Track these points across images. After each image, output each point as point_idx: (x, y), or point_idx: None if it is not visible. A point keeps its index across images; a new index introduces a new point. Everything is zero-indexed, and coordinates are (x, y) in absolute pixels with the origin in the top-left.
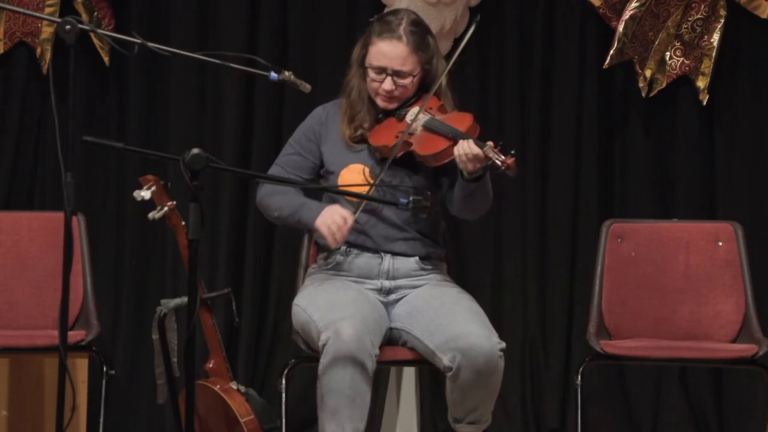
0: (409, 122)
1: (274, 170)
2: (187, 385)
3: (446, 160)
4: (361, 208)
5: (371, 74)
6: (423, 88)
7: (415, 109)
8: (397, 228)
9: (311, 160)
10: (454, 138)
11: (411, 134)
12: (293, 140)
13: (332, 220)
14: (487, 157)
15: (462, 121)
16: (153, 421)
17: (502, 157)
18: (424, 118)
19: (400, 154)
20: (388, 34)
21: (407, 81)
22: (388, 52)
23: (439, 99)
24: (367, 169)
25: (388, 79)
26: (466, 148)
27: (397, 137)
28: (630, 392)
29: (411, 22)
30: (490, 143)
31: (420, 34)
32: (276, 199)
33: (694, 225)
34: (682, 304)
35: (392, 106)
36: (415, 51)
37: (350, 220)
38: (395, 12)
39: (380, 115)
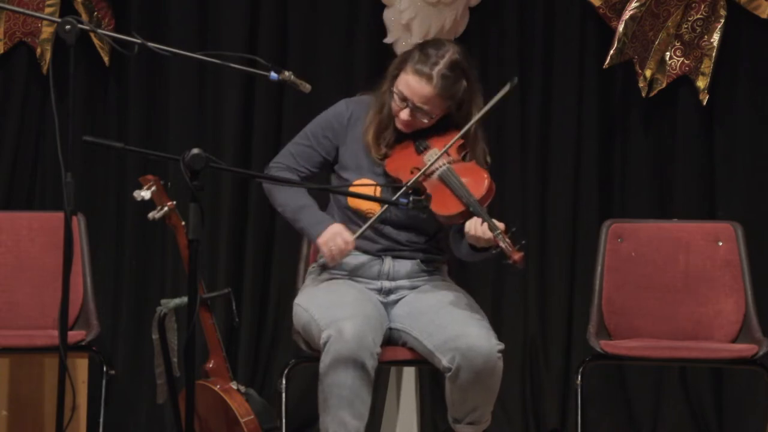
0: (427, 163)
1: (284, 155)
2: (187, 385)
3: (456, 223)
4: (363, 231)
5: (395, 98)
6: (453, 123)
7: (435, 151)
8: (398, 233)
9: (323, 155)
10: (467, 205)
11: (426, 177)
12: (309, 131)
13: (334, 242)
14: (497, 244)
15: (478, 183)
16: (153, 421)
17: (511, 249)
18: (441, 166)
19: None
20: (421, 68)
21: (425, 118)
22: (415, 87)
23: (466, 143)
24: (379, 189)
25: (407, 110)
26: (478, 229)
27: (412, 173)
28: (630, 392)
29: (449, 65)
30: (501, 227)
31: (453, 78)
32: (281, 194)
33: (694, 225)
34: (682, 304)
35: (408, 131)
36: (441, 95)
37: (351, 245)
38: (439, 46)
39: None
